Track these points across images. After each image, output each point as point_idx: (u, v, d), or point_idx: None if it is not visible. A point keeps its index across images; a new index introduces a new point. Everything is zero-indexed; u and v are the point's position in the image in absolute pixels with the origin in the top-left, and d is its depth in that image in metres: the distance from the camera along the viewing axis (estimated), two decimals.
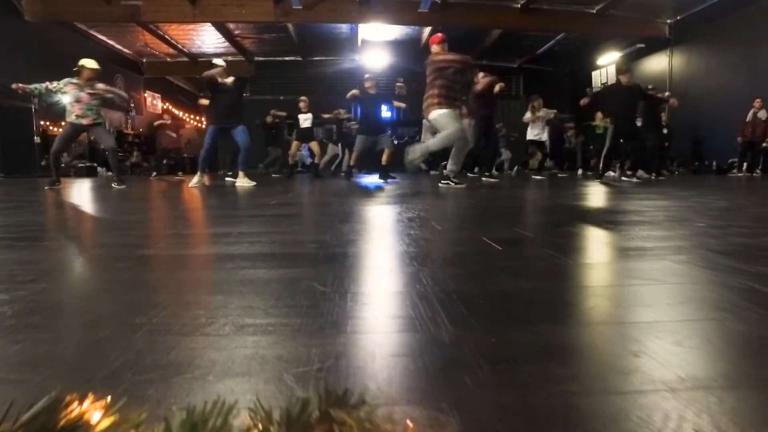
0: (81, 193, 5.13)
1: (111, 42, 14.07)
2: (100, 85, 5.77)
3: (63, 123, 5.96)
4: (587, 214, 2.53)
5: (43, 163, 11.95)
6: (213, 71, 5.93)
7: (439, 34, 5.40)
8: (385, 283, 1.03)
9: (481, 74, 7.29)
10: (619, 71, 7.09)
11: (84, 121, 5.62)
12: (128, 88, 14.47)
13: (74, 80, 5.66)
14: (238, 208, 2.96)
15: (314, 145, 9.20)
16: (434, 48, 5.36)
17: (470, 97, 7.39)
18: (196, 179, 5.75)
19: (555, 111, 9.08)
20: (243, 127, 6.00)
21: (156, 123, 10.49)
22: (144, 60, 15.17)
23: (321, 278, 1.01)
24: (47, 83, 5.62)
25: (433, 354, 0.62)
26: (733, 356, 0.63)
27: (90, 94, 5.59)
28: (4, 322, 0.74)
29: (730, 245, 1.40)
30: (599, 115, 10.19)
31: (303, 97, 9.22)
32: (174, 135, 10.38)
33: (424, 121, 6.43)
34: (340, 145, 11.13)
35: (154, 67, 15.97)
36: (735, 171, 9.86)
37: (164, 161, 11.57)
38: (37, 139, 11.78)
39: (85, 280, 1.08)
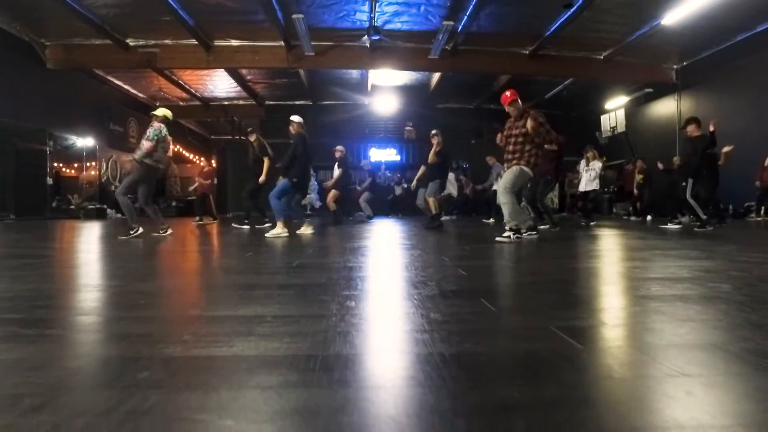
0: (93, 242, 5.03)
1: (127, 87, 14.43)
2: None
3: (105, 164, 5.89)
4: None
5: (54, 204, 12.02)
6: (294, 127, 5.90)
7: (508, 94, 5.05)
8: None
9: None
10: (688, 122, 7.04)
11: (161, 166, 5.64)
12: (141, 130, 14.71)
13: (165, 130, 5.60)
14: (262, 272, 2.82)
15: (332, 195, 9.25)
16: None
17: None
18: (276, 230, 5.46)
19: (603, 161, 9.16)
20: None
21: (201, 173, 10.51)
22: (157, 104, 15.47)
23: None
24: (148, 144, 5.39)
25: None
26: None
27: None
28: None
29: None
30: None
31: (339, 147, 9.32)
32: (207, 182, 10.42)
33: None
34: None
35: None
36: (753, 215, 9.69)
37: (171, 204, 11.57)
38: (49, 181, 11.86)
39: (102, 401, 0.93)
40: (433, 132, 7.15)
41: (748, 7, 8.84)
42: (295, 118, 5.96)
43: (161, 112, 5.72)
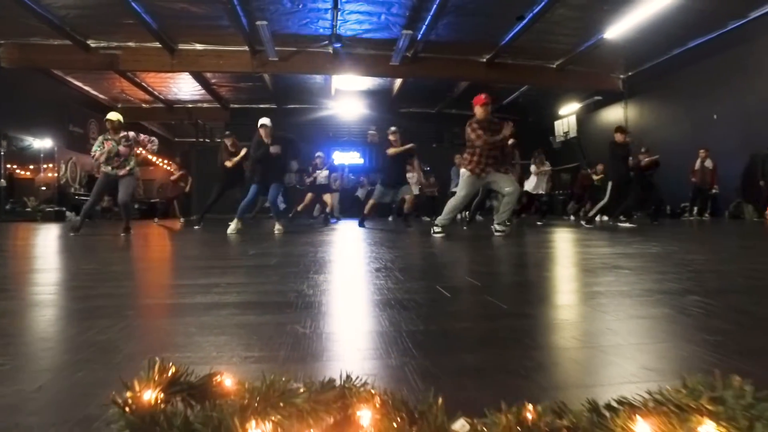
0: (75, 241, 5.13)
1: (86, 88, 14.22)
2: (132, 134, 5.82)
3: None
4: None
5: (8, 206, 11.74)
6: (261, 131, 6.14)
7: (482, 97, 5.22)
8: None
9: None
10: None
11: (120, 172, 5.69)
12: (101, 132, 14.50)
13: (107, 136, 5.68)
14: (224, 258, 3.09)
15: (328, 198, 9.52)
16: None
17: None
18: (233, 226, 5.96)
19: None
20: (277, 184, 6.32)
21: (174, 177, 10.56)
22: (119, 105, 15.31)
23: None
24: (95, 153, 5.64)
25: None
26: None
27: (127, 146, 5.66)
28: None
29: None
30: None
31: (319, 153, 9.54)
32: (183, 185, 10.45)
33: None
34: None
35: (129, 113, 16.09)
36: (687, 215, 10.49)
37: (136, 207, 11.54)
38: (2, 182, 11.59)
39: (105, 318, 1.21)
40: (392, 129, 7.38)
41: (679, 25, 9.65)
42: (260, 121, 6.20)
43: (108, 116, 5.82)
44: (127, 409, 0.55)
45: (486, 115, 5.22)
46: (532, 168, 9.48)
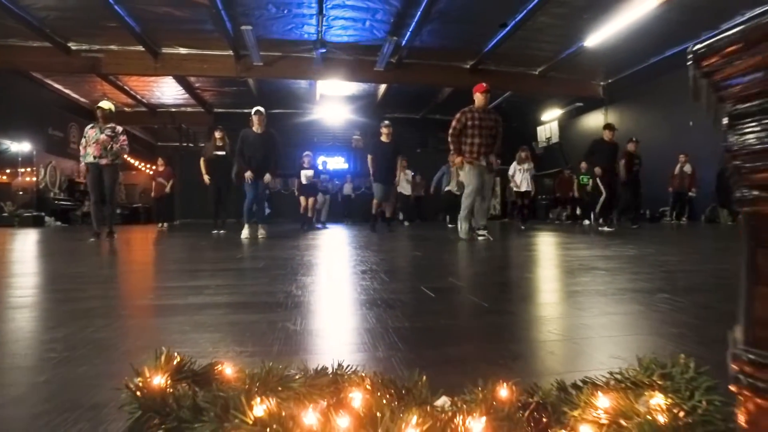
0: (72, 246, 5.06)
1: (67, 91, 14.02)
2: (120, 128, 5.81)
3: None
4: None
5: None
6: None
7: (483, 85, 5.49)
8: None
9: None
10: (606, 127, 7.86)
11: (102, 161, 5.66)
12: (82, 137, 14.27)
13: (94, 124, 5.74)
14: (211, 261, 3.11)
15: (316, 199, 9.44)
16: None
17: None
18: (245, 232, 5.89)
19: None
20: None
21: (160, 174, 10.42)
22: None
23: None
24: (81, 149, 5.73)
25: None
26: None
27: (108, 136, 5.63)
28: None
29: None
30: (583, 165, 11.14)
31: (307, 152, 9.48)
32: (165, 183, 10.30)
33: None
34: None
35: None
36: (667, 218, 10.77)
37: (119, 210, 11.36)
38: None
39: (100, 317, 1.24)
40: (386, 122, 7.46)
41: (657, 34, 9.93)
42: (255, 108, 6.19)
43: (101, 104, 5.86)
44: (138, 392, 0.60)
45: (483, 103, 5.38)
46: (513, 165, 9.58)
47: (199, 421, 0.54)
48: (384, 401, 0.54)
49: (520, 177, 9.51)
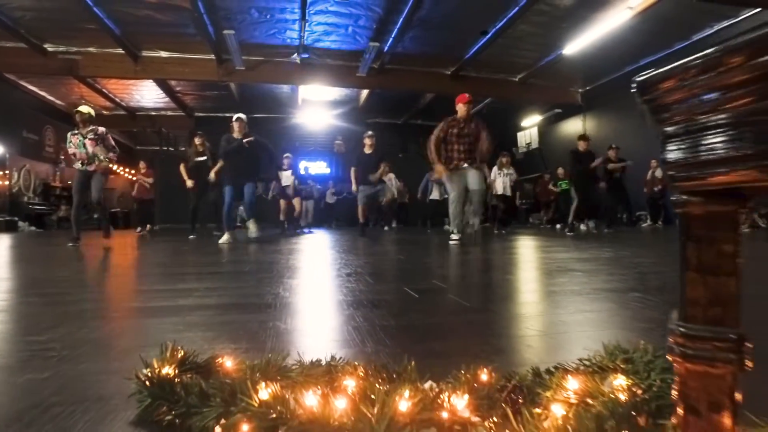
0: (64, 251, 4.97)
1: (42, 93, 13.75)
2: (102, 129, 5.68)
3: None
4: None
5: None
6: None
7: (466, 96, 5.75)
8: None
9: None
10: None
11: (90, 168, 5.57)
12: (59, 138, 14.01)
13: (75, 130, 5.58)
14: (197, 265, 3.12)
15: (296, 203, 9.42)
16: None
17: None
18: (225, 237, 5.66)
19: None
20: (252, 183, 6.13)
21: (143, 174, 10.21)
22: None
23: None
24: (72, 154, 5.61)
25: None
26: None
27: (92, 140, 5.53)
28: None
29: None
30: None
31: (287, 154, 9.42)
32: (147, 185, 10.13)
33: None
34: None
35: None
36: (643, 222, 11.07)
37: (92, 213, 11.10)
38: None
39: (93, 319, 1.27)
40: (369, 133, 7.61)
41: (632, 44, 10.24)
42: (236, 115, 6.14)
43: (79, 108, 5.71)
44: (147, 382, 0.64)
45: (465, 114, 5.52)
46: (494, 169, 9.76)
47: (206, 406, 0.59)
48: (377, 384, 0.60)
49: (500, 181, 9.69)
